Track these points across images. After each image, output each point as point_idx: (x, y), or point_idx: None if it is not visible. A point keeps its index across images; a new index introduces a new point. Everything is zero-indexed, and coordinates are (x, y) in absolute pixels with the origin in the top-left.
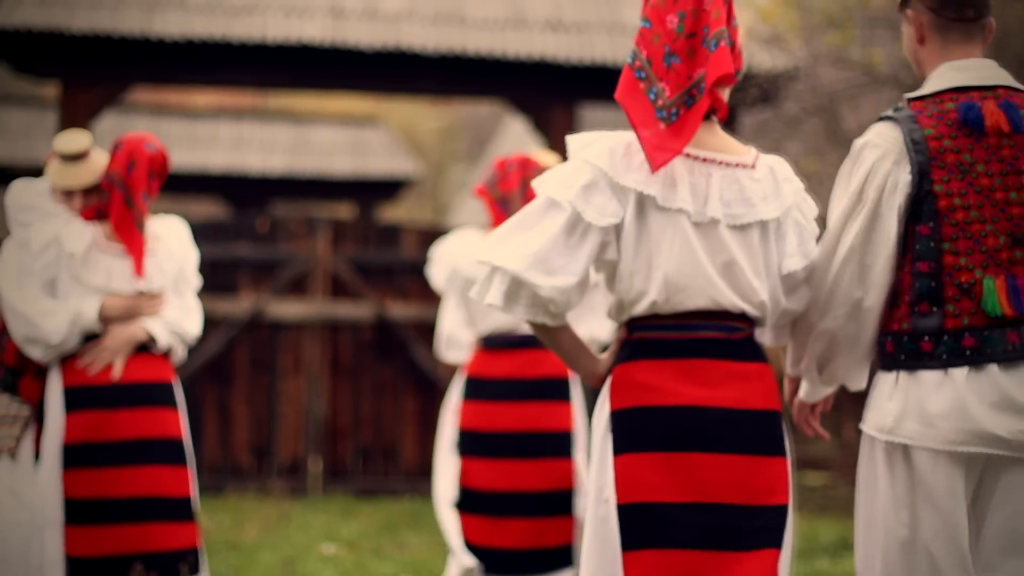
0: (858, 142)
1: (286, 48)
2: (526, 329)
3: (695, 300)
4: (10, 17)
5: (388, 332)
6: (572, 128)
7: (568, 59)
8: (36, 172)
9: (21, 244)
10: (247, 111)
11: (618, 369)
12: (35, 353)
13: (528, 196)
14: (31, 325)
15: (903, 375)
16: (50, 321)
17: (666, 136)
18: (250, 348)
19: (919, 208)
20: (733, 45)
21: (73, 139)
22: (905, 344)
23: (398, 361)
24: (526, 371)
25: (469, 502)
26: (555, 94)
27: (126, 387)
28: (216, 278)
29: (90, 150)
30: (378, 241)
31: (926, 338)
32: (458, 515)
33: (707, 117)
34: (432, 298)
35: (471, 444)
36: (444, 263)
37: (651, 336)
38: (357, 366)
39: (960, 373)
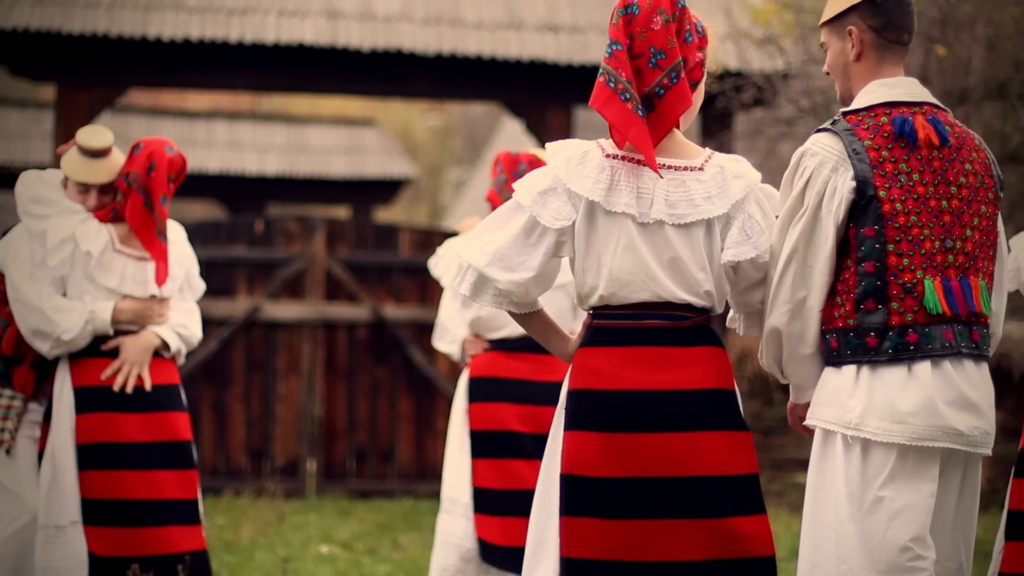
0: (798, 151)
1: (282, 49)
2: None
3: (639, 294)
4: (6, 18)
5: (384, 333)
6: (568, 129)
7: (563, 60)
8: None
9: (34, 236)
10: (243, 112)
11: (579, 352)
12: (42, 347)
13: None
14: (45, 319)
15: (864, 371)
16: (65, 318)
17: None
18: (246, 349)
19: (863, 212)
20: (696, 80)
21: (97, 134)
22: (851, 340)
23: (394, 362)
24: (538, 375)
25: (484, 502)
26: (550, 95)
27: (137, 389)
28: (212, 279)
29: (112, 147)
30: (374, 242)
31: (871, 334)
32: (475, 516)
33: None
34: (428, 299)
35: (483, 445)
36: (452, 261)
37: (604, 324)
38: (353, 367)
39: (924, 370)
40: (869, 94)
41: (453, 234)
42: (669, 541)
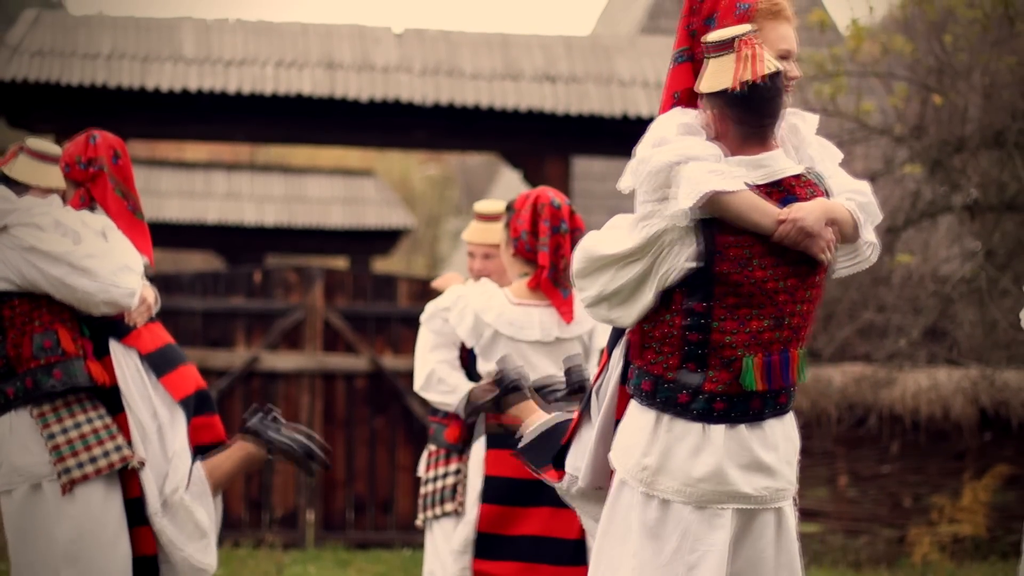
0: (651, 208)
1: (280, 100)
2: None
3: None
4: (5, 70)
5: (382, 383)
6: (565, 179)
7: (561, 110)
8: None
9: (44, 227)
10: (241, 163)
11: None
12: (133, 282)
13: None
14: (125, 253)
15: (662, 426)
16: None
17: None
18: (244, 399)
19: (694, 287)
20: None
21: (49, 143)
22: (664, 390)
23: (392, 412)
24: None
25: (487, 547)
26: (548, 145)
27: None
28: (210, 330)
29: None
30: (372, 292)
31: (685, 392)
32: (473, 561)
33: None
34: None
35: (494, 491)
36: (466, 313)
37: None
38: (351, 417)
39: (718, 435)
40: None
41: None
42: None
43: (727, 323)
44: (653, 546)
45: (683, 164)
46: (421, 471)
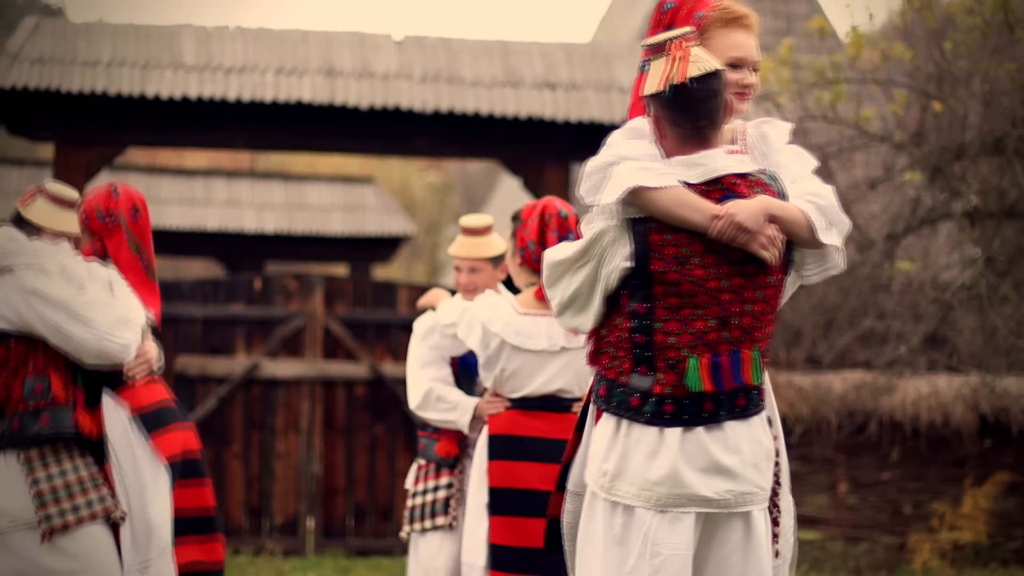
0: (596, 209)
1: (280, 107)
2: (564, 392)
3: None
4: (5, 77)
5: (382, 390)
6: (565, 186)
7: (561, 117)
8: None
9: (49, 272)
10: (242, 170)
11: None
12: (129, 336)
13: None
14: (127, 308)
15: (621, 431)
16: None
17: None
18: (244, 407)
19: (635, 288)
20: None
21: (67, 187)
22: (618, 394)
23: (392, 419)
24: (557, 433)
25: (500, 560)
26: (548, 152)
27: (174, 410)
28: (211, 337)
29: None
30: (372, 299)
31: (637, 395)
32: (490, 573)
33: None
34: None
35: (502, 503)
36: (474, 325)
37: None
38: (351, 424)
39: (673, 438)
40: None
41: (452, 291)
42: None
43: (670, 324)
44: (620, 553)
45: (616, 164)
46: (409, 484)
